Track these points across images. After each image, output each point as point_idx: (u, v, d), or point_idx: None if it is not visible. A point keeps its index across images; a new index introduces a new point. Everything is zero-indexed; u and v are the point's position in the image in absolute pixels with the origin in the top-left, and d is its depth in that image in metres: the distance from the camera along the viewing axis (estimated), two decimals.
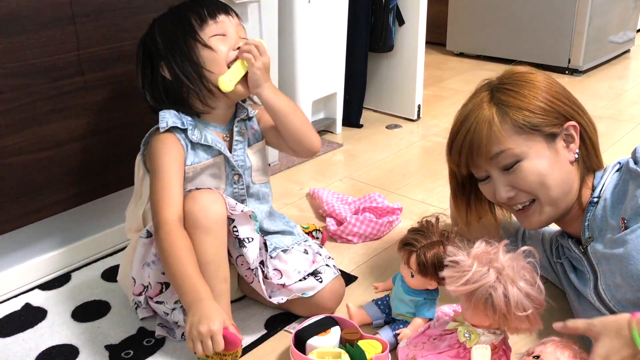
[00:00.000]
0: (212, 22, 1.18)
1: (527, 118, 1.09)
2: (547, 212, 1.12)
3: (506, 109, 1.10)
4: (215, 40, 1.18)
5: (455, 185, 1.27)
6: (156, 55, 1.20)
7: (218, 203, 1.13)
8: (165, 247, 1.08)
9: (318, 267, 1.31)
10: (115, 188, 1.51)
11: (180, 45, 1.18)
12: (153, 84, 1.23)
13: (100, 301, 1.39)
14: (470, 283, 0.95)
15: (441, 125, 2.49)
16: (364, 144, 2.33)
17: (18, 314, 1.35)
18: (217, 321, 0.98)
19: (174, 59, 1.18)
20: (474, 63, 3.47)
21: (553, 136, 1.10)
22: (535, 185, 1.10)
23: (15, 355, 1.22)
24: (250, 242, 1.18)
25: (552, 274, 1.31)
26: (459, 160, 1.15)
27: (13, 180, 1.31)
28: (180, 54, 1.18)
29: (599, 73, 3.24)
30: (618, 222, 1.05)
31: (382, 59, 2.54)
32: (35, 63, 1.28)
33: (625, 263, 0.99)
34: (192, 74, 1.18)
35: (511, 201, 1.14)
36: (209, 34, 1.18)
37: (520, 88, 1.11)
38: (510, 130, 1.09)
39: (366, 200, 1.74)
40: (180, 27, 1.18)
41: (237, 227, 1.16)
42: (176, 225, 1.10)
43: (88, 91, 1.39)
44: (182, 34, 1.18)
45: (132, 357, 1.21)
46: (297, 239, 1.36)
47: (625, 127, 2.42)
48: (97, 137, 1.43)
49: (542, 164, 1.09)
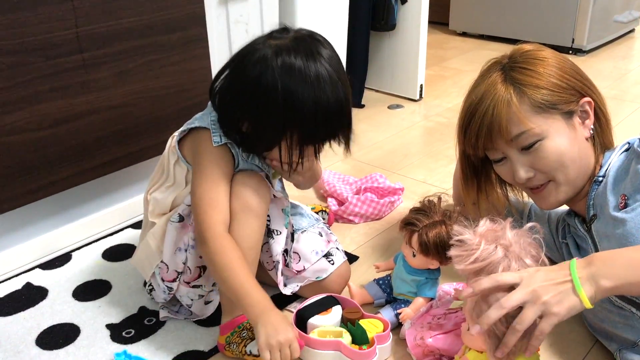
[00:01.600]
0: (315, 154, 1.11)
1: (545, 96, 1.07)
2: (563, 191, 1.11)
3: (523, 88, 1.07)
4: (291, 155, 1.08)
5: (466, 167, 1.24)
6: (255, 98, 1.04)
7: (266, 186, 1.13)
8: (218, 260, 1.05)
9: (331, 248, 1.31)
10: (116, 167, 1.50)
11: (287, 134, 1.05)
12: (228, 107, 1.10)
13: (101, 280, 1.39)
14: (479, 261, 0.94)
15: (443, 106, 2.47)
16: (365, 124, 2.31)
17: (19, 293, 1.35)
18: (292, 329, 1.00)
19: (265, 124, 1.05)
20: (477, 43, 3.44)
21: (570, 113, 1.09)
22: (556, 165, 1.08)
23: (17, 334, 1.22)
24: (278, 235, 1.19)
25: (557, 254, 1.31)
26: (476, 143, 1.12)
27: (12, 159, 1.30)
28: (274, 131, 1.05)
29: (603, 53, 3.21)
30: (618, 199, 1.04)
31: (384, 38, 2.51)
32: (32, 40, 1.26)
33: (624, 242, 0.99)
34: (264, 150, 1.11)
35: (529, 182, 1.12)
36: (299, 150, 1.08)
37: (534, 66, 1.09)
38: (529, 111, 1.07)
39: (368, 181, 1.73)
40: (312, 132, 1.05)
41: (270, 217, 1.17)
42: (225, 237, 1.07)
43: (87, 69, 1.37)
44: (304, 135, 1.05)
45: (133, 336, 1.21)
46: (311, 222, 1.36)
47: (629, 107, 2.40)
48: (96, 115, 1.42)
49: (562, 142, 1.08)
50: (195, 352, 1.17)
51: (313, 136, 1.07)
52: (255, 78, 1.02)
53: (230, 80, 1.08)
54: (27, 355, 1.17)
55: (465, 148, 1.18)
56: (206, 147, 1.11)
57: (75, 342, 1.20)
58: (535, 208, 1.39)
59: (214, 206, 1.08)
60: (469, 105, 1.13)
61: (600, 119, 1.14)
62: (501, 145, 1.11)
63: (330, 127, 1.07)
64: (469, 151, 1.17)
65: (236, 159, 1.14)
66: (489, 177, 1.24)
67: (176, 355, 1.16)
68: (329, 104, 1.02)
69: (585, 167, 1.11)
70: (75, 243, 1.52)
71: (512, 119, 1.07)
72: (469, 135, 1.13)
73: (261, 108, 1.04)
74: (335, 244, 1.33)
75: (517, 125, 1.07)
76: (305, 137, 1.06)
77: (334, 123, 1.07)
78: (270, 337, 0.98)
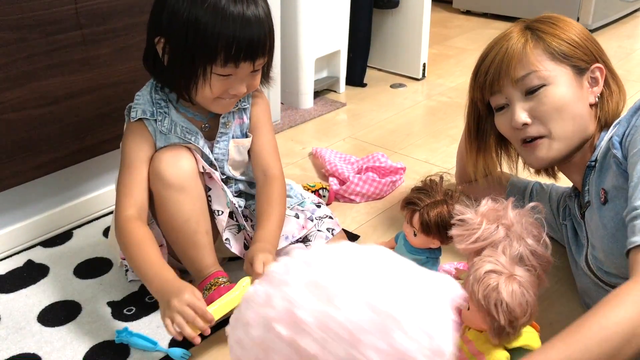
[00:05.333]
0: (232, 65, 1.05)
1: (560, 46, 1.09)
2: (556, 149, 1.10)
3: (541, 34, 1.11)
4: (218, 79, 1.07)
5: (470, 124, 1.26)
6: (157, 26, 1.09)
7: (184, 158, 1.12)
8: (123, 242, 1.09)
9: (308, 233, 1.29)
10: (117, 145, 1.48)
11: (187, 51, 1.05)
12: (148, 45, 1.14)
13: (102, 258, 1.39)
14: (480, 241, 0.94)
15: (446, 85, 2.45)
16: (367, 103, 2.29)
17: (20, 271, 1.35)
18: (187, 290, 0.98)
19: (174, 49, 1.06)
20: (481, 21, 3.41)
21: (580, 71, 1.10)
22: (555, 114, 1.08)
23: (19, 311, 1.23)
24: (220, 215, 1.18)
25: (558, 234, 1.31)
26: (484, 82, 1.14)
27: (11, 137, 1.29)
28: (183, 57, 1.06)
29: (608, 32, 3.17)
30: (599, 192, 1.04)
31: (386, 16, 2.48)
32: (31, 16, 1.24)
33: (605, 240, 0.99)
34: (183, 77, 1.08)
35: (523, 131, 1.11)
36: (219, 72, 1.06)
37: (557, 22, 1.13)
38: (541, 55, 1.09)
39: (369, 160, 1.72)
40: (202, 46, 1.03)
41: (212, 197, 1.17)
42: (131, 220, 1.10)
43: (86, 46, 1.36)
44: (199, 55, 1.05)
45: (134, 313, 1.21)
46: (290, 202, 1.32)
47: (634, 87, 2.38)
48: (96, 93, 1.41)
49: (566, 94, 1.08)
50: None
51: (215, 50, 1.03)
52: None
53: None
54: (29, 332, 1.17)
55: (473, 93, 1.19)
56: (126, 133, 1.16)
57: (76, 319, 1.20)
58: (536, 187, 1.38)
59: (125, 192, 1.12)
60: (484, 50, 1.16)
61: (608, 90, 1.13)
62: (507, 86, 1.11)
63: (226, 34, 1.02)
64: (477, 96, 1.18)
65: (154, 136, 1.14)
66: (489, 146, 1.25)
67: None
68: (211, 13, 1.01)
69: (581, 130, 1.10)
70: (77, 221, 1.52)
71: (523, 60, 1.09)
72: (479, 74, 1.15)
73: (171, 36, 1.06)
74: (319, 225, 1.30)
75: (526, 64, 1.09)
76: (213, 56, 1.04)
77: (229, 29, 1.02)
78: (167, 309, 0.98)
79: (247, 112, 1.24)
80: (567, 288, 1.24)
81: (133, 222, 1.10)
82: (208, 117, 1.20)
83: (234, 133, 1.22)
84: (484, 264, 0.90)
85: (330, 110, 2.22)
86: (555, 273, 1.23)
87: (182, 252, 1.16)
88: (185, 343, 1.13)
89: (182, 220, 1.12)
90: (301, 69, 2.16)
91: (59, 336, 1.16)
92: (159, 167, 1.11)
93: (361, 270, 0.73)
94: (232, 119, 1.21)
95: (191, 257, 1.15)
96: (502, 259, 0.91)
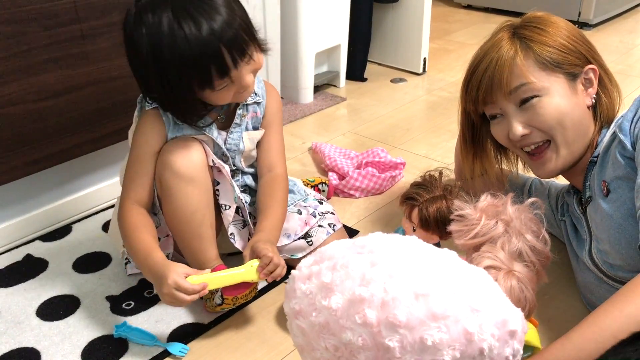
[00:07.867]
0: (228, 74, 1.02)
1: (551, 54, 1.07)
2: (562, 156, 1.09)
3: (530, 44, 1.08)
4: (225, 87, 1.05)
5: (465, 131, 1.24)
6: (138, 59, 1.03)
7: (195, 150, 1.12)
8: (122, 228, 1.12)
9: (310, 229, 1.29)
10: (117, 139, 1.49)
11: (185, 88, 1.02)
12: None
13: (101, 253, 1.39)
14: (479, 236, 0.94)
15: (447, 80, 2.44)
16: (367, 98, 2.29)
17: (19, 265, 1.35)
18: (171, 274, 1.00)
19: (171, 89, 1.03)
20: (482, 16, 3.39)
21: (574, 76, 1.08)
22: (553, 123, 1.07)
23: (17, 305, 1.23)
24: (227, 209, 1.19)
25: (557, 229, 1.30)
26: (476, 96, 1.12)
27: (10, 131, 1.29)
28: (185, 95, 1.04)
29: (609, 27, 3.16)
30: (600, 185, 1.03)
31: (387, 10, 2.47)
32: (29, 9, 1.24)
33: (612, 231, 0.98)
34: (184, 102, 1.06)
35: (524, 140, 1.10)
36: (223, 85, 1.04)
37: (544, 26, 1.10)
38: (532, 65, 1.07)
39: (369, 155, 1.72)
40: (194, 72, 1.00)
41: (220, 191, 1.17)
42: (131, 208, 1.12)
43: (85, 40, 1.35)
44: (197, 85, 1.02)
45: (133, 308, 1.21)
46: (293, 199, 1.33)
47: (635, 82, 2.37)
48: (96, 87, 1.40)
49: (562, 102, 1.06)
50: (195, 325, 1.17)
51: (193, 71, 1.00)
52: (128, 40, 1.03)
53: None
54: (28, 326, 1.17)
55: (466, 104, 1.17)
56: (140, 121, 1.15)
57: (75, 313, 1.20)
58: (536, 183, 1.38)
59: (130, 182, 1.13)
60: (474, 60, 1.14)
61: (604, 88, 1.12)
62: (500, 99, 1.10)
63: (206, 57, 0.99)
64: (469, 107, 1.16)
65: (167, 126, 1.13)
66: (486, 147, 1.24)
67: (176, 327, 1.17)
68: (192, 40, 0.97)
69: (584, 135, 1.09)
70: (76, 215, 1.52)
71: (514, 72, 1.07)
72: (471, 87, 1.13)
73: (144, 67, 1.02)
74: (321, 220, 1.30)
75: (518, 77, 1.07)
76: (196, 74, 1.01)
77: (209, 49, 0.98)
78: (158, 292, 1.03)
79: (261, 106, 1.23)
80: (566, 284, 1.24)
81: (134, 210, 1.12)
82: (223, 109, 1.20)
83: (247, 125, 1.23)
84: (482, 260, 0.90)
85: (330, 105, 2.22)
86: (554, 269, 1.23)
87: (186, 243, 1.16)
88: (184, 338, 1.14)
89: (190, 212, 1.12)
90: (301, 64, 2.15)
91: (57, 330, 1.16)
92: (170, 158, 1.11)
93: (455, 272, 0.75)
94: (247, 112, 1.22)
95: (194, 250, 1.15)
96: (500, 255, 0.91)
